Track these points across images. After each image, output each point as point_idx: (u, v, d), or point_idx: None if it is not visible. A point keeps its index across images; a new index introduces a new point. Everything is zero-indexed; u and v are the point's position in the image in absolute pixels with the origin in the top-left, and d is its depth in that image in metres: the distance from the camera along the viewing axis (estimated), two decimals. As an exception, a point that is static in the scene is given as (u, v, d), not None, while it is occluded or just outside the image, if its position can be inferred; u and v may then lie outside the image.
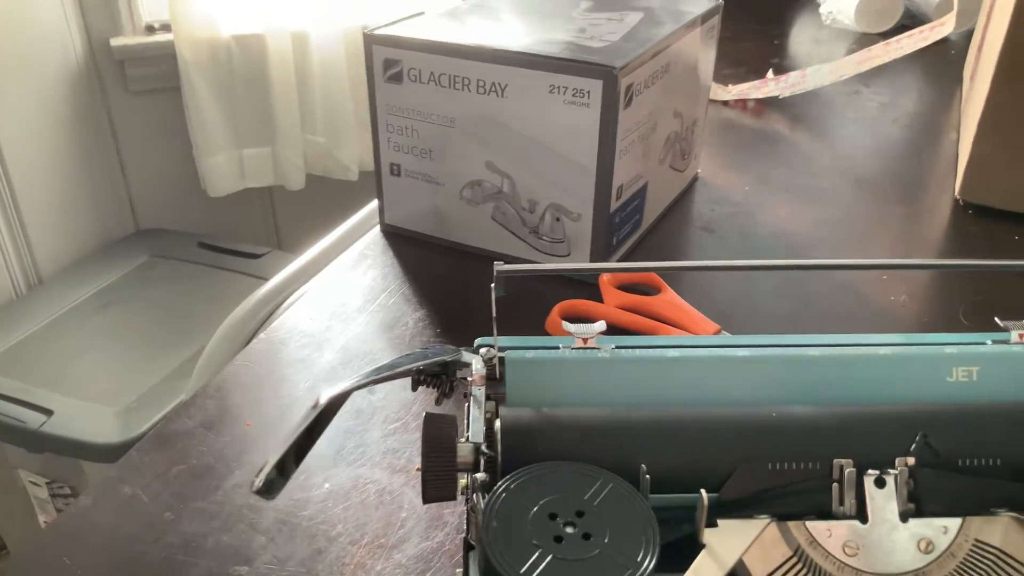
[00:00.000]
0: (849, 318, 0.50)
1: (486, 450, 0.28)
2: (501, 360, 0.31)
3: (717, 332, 0.46)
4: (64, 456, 1.06)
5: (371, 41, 0.52)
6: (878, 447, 0.29)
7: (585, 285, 0.51)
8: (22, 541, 1.30)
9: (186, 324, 1.23)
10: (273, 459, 0.28)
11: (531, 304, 0.50)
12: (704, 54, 0.60)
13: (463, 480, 0.29)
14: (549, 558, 0.25)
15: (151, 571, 0.33)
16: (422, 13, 0.57)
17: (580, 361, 0.31)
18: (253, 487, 0.27)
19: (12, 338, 1.20)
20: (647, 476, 0.28)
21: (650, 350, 0.32)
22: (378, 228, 0.59)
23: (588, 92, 0.46)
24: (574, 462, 0.28)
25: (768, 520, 0.27)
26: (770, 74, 0.84)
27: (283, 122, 1.47)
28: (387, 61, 0.52)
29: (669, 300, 0.48)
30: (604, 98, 0.46)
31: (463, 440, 0.28)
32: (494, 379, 0.31)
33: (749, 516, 0.28)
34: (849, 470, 0.28)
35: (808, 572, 0.27)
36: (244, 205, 1.58)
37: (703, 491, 0.28)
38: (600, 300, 0.49)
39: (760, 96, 0.82)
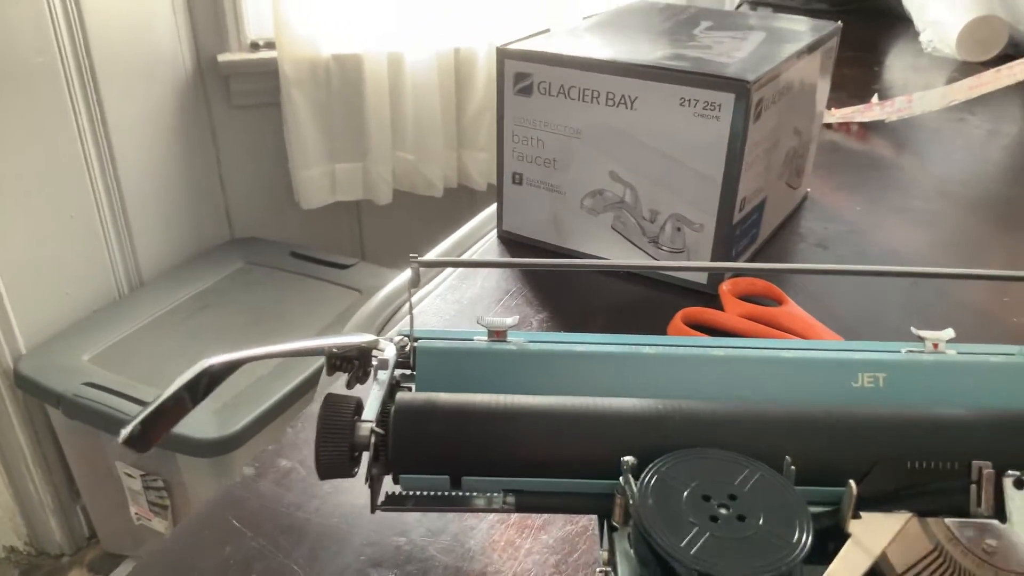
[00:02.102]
0: (970, 338, 0.50)
1: (378, 429, 0.29)
2: (415, 349, 0.32)
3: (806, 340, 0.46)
4: (163, 449, 1.11)
5: (504, 55, 0.54)
6: (1016, 449, 0.30)
7: (703, 295, 0.52)
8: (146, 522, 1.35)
9: (280, 328, 1.28)
10: (141, 415, 0.28)
11: (652, 312, 0.51)
12: (822, 74, 0.61)
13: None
14: (707, 535, 0.26)
15: (315, 536, 0.35)
16: (548, 30, 0.59)
17: (488, 352, 0.33)
18: (120, 438, 0.27)
19: (115, 335, 1.26)
20: (792, 467, 0.29)
21: (556, 345, 0.33)
22: (495, 234, 0.61)
23: (719, 105, 0.48)
24: (721, 449, 0.29)
25: (909, 515, 0.28)
26: (875, 98, 0.84)
27: (375, 139, 1.52)
28: (518, 75, 0.54)
29: (791, 311, 0.49)
30: (735, 111, 0.47)
31: (363, 421, 0.29)
32: (407, 366, 0.32)
33: (888, 511, 0.28)
34: (988, 471, 0.29)
35: (948, 567, 0.27)
36: (332, 217, 1.64)
37: (852, 482, 0.28)
38: (721, 310, 0.50)
39: (865, 120, 0.82)
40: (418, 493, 0.31)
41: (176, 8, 1.37)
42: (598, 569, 0.29)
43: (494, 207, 0.70)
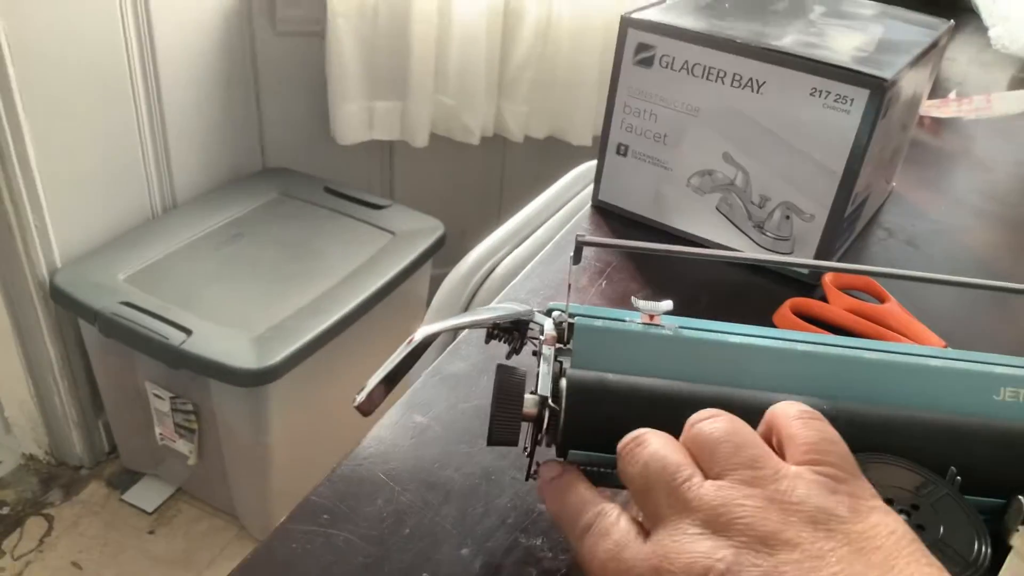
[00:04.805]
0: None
1: (552, 404, 0.30)
2: (571, 326, 0.33)
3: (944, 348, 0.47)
4: (197, 374, 1.12)
5: (628, 24, 0.54)
6: None
7: (806, 285, 0.53)
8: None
9: (313, 264, 1.28)
10: (372, 382, 0.31)
11: (755, 297, 0.52)
12: (931, 73, 0.61)
13: None
14: None
15: (460, 496, 0.36)
16: (664, 1, 0.59)
17: (644, 335, 0.33)
18: (354, 403, 0.31)
19: (150, 256, 1.26)
20: (957, 478, 0.30)
21: (711, 334, 0.34)
22: (589, 204, 0.62)
23: (851, 99, 0.48)
24: (904, 459, 0.30)
25: None
26: (953, 94, 0.84)
27: (417, 80, 1.50)
28: (640, 45, 0.54)
29: (894, 311, 0.50)
30: (867, 106, 0.47)
31: (531, 393, 0.30)
32: (562, 342, 0.33)
33: None
34: None
35: None
36: (364, 155, 1.62)
37: (1021, 498, 0.30)
38: (824, 300, 0.51)
39: (942, 116, 0.82)
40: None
41: (229, -74, 1.33)
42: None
43: (581, 168, 0.70)
